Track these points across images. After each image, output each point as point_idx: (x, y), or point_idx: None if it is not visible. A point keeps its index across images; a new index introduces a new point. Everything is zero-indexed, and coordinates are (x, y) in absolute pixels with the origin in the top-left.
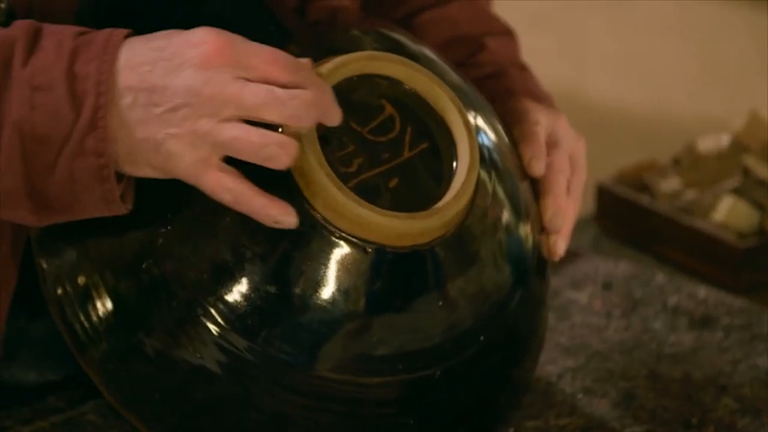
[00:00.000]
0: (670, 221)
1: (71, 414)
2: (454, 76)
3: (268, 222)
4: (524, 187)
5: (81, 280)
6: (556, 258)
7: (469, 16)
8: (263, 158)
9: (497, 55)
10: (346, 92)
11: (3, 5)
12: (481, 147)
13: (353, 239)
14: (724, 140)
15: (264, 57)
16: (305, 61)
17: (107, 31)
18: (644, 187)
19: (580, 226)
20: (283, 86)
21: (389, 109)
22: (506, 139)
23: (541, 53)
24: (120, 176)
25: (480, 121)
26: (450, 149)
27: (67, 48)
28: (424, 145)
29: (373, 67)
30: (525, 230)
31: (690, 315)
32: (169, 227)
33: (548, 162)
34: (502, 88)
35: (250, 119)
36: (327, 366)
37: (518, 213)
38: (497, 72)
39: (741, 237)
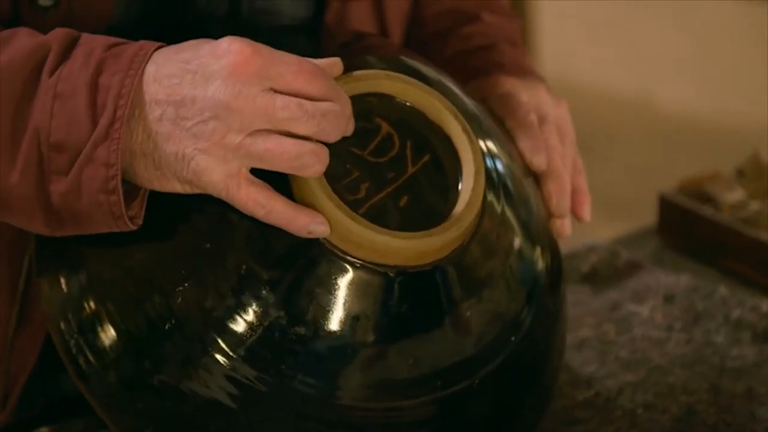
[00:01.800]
0: (734, 233)
1: None
2: (468, 103)
3: (302, 233)
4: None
5: (85, 310)
6: (565, 238)
7: None
8: (297, 167)
9: (490, 28)
10: None
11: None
12: (491, 171)
13: (374, 267)
14: None
15: (292, 67)
16: (334, 61)
17: (138, 44)
18: (707, 198)
19: (641, 238)
20: (311, 98)
21: (385, 127)
22: (521, 167)
23: (607, 61)
24: (130, 194)
25: (493, 147)
26: (451, 157)
27: (96, 59)
28: (426, 158)
29: (363, 86)
30: (538, 236)
31: (753, 328)
32: (176, 256)
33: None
34: (491, 61)
35: (279, 131)
36: (359, 395)
37: (530, 234)
38: (487, 45)
39: None
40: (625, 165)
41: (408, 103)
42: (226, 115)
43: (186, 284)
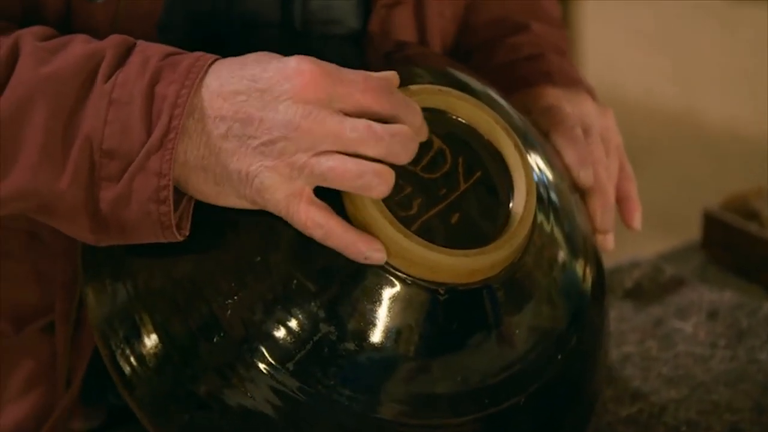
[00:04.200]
0: None
1: None
2: (515, 117)
3: (359, 258)
4: (579, 207)
5: (132, 320)
6: (608, 252)
7: (522, 3)
8: (360, 187)
9: (539, 38)
10: None
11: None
12: (539, 186)
13: (426, 284)
14: None
15: (360, 86)
16: (391, 74)
17: (195, 55)
18: (752, 214)
19: (685, 254)
20: (380, 116)
21: (438, 143)
22: (567, 181)
23: (653, 72)
24: (178, 203)
25: (540, 162)
26: (503, 174)
27: (152, 67)
28: (477, 175)
29: (416, 101)
30: (583, 251)
31: None
32: (225, 268)
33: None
34: (538, 71)
35: (347, 153)
36: (407, 411)
37: (576, 249)
38: (536, 55)
39: None
40: (669, 179)
41: (460, 119)
42: (295, 136)
43: (235, 297)
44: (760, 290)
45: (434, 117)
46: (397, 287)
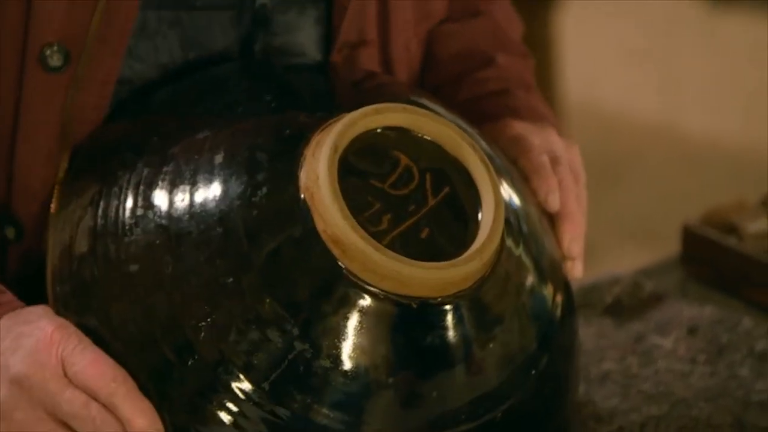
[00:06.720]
0: (758, 264)
1: None
2: (482, 143)
3: None
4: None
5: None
6: (576, 279)
7: (488, 33)
8: None
9: (505, 71)
10: (360, 151)
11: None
12: (507, 206)
13: (398, 298)
14: None
15: (86, 363)
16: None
17: None
18: (732, 229)
19: (666, 268)
20: (102, 402)
21: (404, 160)
22: (534, 205)
23: (633, 88)
24: None
25: (507, 185)
26: (470, 189)
27: None
28: (446, 190)
29: (380, 120)
30: (551, 272)
31: None
32: (198, 293)
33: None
34: (504, 106)
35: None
36: (384, 427)
37: (543, 270)
38: (502, 90)
39: None
40: (650, 193)
41: (426, 137)
42: (16, 393)
43: (209, 319)
44: (740, 305)
45: (400, 135)
46: (369, 302)
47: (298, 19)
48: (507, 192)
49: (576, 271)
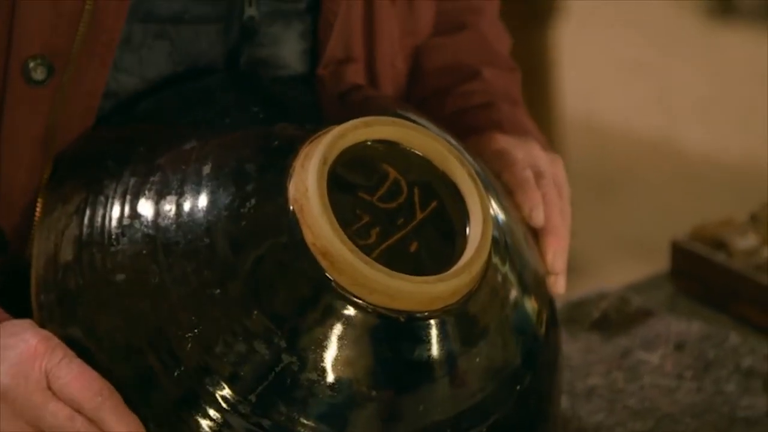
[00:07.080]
0: (747, 280)
1: None
2: (468, 157)
3: None
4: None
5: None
6: (559, 294)
7: (474, 47)
8: None
9: (490, 85)
10: (349, 163)
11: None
12: (493, 222)
13: (385, 311)
14: None
15: (72, 376)
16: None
17: None
18: (720, 244)
19: (654, 284)
20: (88, 415)
21: (393, 174)
22: (519, 220)
23: (628, 102)
24: None
25: (492, 200)
26: (458, 203)
27: None
28: (434, 204)
29: (370, 133)
30: (535, 287)
31: (764, 377)
32: (185, 304)
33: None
34: (488, 119)
35: None
36: None
37: (527, 285)
38: (486, 103)
39: None
40: (642, 208)
41: (414, 150)
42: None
43: (196, 330)
44: (728, 320)
45: (389, 148)
46: (357, 315)
47: (284, 32)
48: (493, 207)
49: (559, 286)
